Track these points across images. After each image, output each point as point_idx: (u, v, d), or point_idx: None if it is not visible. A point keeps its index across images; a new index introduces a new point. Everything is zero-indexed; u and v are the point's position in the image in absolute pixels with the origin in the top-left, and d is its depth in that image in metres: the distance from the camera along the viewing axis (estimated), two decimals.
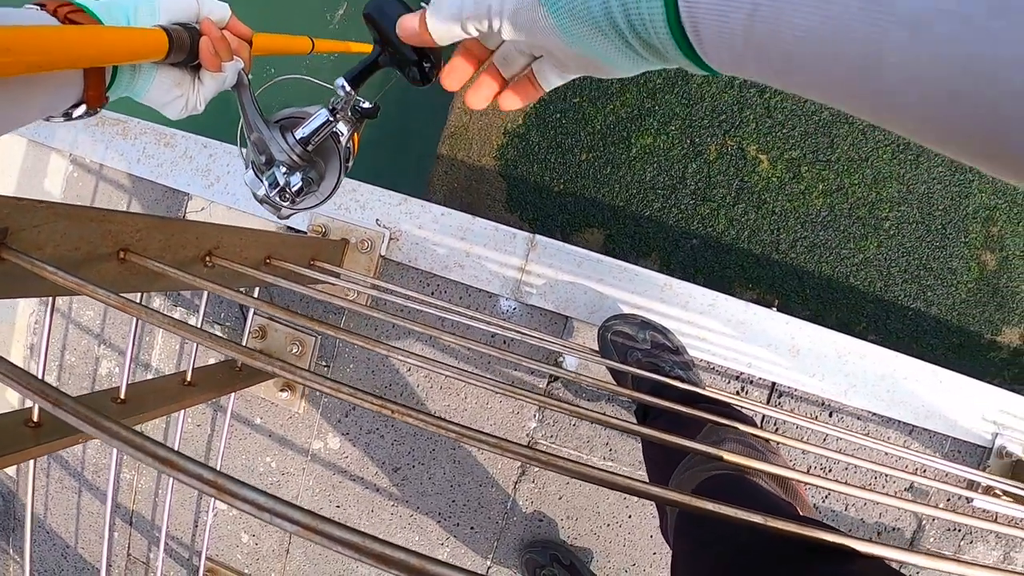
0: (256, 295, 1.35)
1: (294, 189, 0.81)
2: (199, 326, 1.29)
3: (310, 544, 1.61)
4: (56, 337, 1.73)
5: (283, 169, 0.80)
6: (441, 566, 0.30)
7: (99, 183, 1.69)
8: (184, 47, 0.60)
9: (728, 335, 1.39)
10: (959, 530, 1.41)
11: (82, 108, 0.57)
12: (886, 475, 1.38)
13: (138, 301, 0.63)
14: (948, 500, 1.42)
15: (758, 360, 1.38)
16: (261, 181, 0.82)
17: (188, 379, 1.23)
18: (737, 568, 0.59)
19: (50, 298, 0.84)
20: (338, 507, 1.56)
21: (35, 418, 0.86)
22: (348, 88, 0.72)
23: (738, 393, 1.41)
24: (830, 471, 1.40)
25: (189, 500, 1.70)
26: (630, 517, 1.44)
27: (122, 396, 1.04)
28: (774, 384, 1.40)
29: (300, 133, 0.77)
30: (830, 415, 1.41)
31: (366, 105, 0.77)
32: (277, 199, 0.83)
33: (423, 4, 0.47)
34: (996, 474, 1.32)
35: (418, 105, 2.77)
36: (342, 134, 0.82)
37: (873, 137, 2.36)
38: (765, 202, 2.38)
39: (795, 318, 1.39)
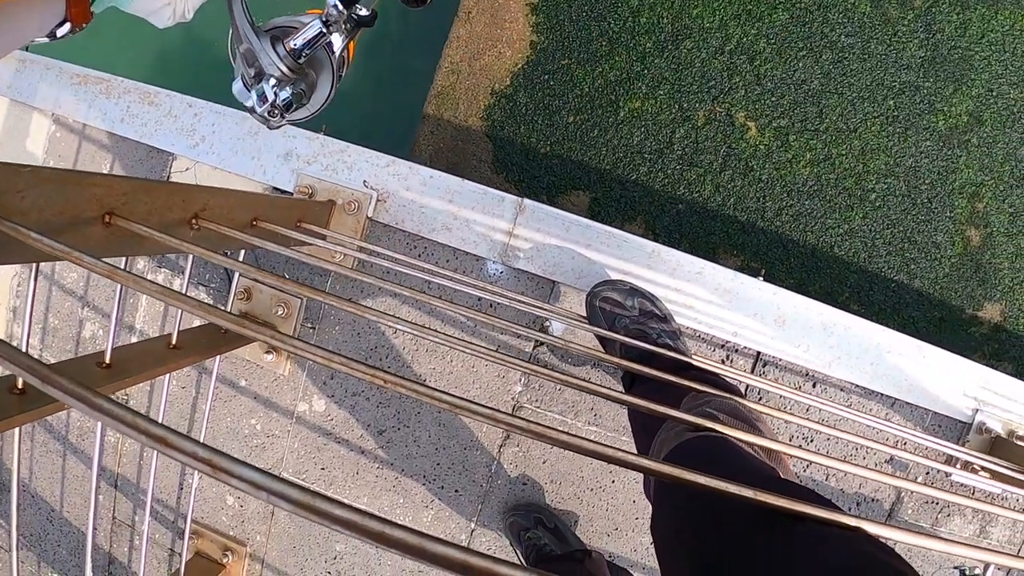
0: (242, 257, 1.33)
1: (282, 103, 0.78)
2: (184, 289, 1.28)
3: None
4: (40, 300, 1.71)
5: (273, 82, 0.77)
6: (440, 544, 0.30)
7: (82, 143, 1.65)
8: None
9: (715, 303, 1.40)
10: (937, 503, 1.44)
11: (66, 27, 0.54)
12: (867, 447, 1.40)
13: (123, 263, 0.62)
14: (927, 474, 1.44)
15: (744, 329, 1.39)
16: (250, 93, 0.79)
17: (173, 342, 1.22)
18: (717, 529, 0.60)
19: (33, 264, 0.83)
20: (323, 469, 1.56)
21: (19, 385, 0.85)
22: (341, 7, 0.69)
23: (723, 362, 1.42)
24: (812, 441, 1.41)
25: (174, 463, 1.69)
26: (613, 482, 1.46)
27: (107, 360, 1.03)
28: (759, 354, 1.41)
29: (292, 44, 0.74)
30: (814, 386, 1.42)
31: (363, 12, 0.73)
32: (266, 113, 0.80)
33: None
34: (975, 450, 1.33)
35: (405, 65, 2.73)
36: (336, 44, 0.78)
37: (862, 109, 2.36)
38: (752, 169, 2.38)
39: (782, 288, 1.39)
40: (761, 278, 1.42)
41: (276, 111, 0.78)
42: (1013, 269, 2.45)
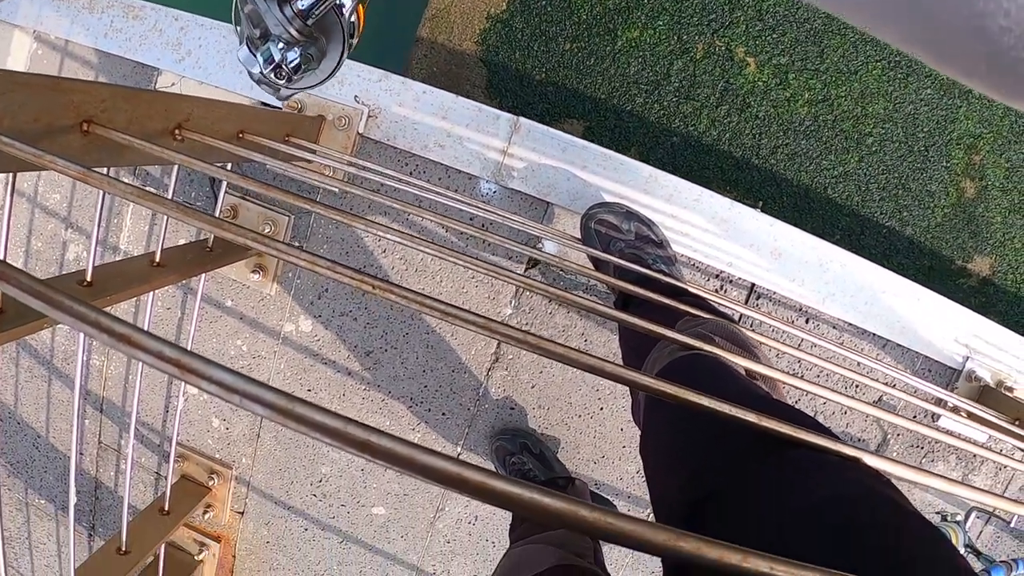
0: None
1: (291, 66, 0.75)
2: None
3: (281, 428, 1.60)
4: (22, 222, 1.66)
5: (280, 44, 0.73)
6: (431, 455, 0.26)
7: (64, 60, 1.59)
8: None
9: (711, 232, 1.38)
10: (922, 447, 1.44)
11: None
12: (857, 385, 1.40)
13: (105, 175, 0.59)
14: (915, 417, 1.44)
15: (739, 260, 1.37)
16: (256, 58, 0.75)
17: (157, 260, 1.19)
18: (709, 455, 0.58)
19: (10, 175, 0.79)
20: (309, 391, 1.54)
21: None
22: None
23: (717, 291, 1.40)
24: (802, 377, 1.41)
25: (159, 385, 1.67)
26: (601, 410, 1.45)
27: (88, 279, 1.00)
28: (753, 285, 1.39)
29: (299, 5, 0.70)
30: (806, 321, 1.41)
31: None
32: (273, 77, 0.76)
33: None
34: (964, 397, 1.34)
35: None
36: (345, 7, 0.75)
37: (864, 52, 2.31)
38: (749, 106, 2.33)
39: (779, 221, 1.37)
40: (759, 209, 1.40)
41: (283, 74, 0.74)
42: (1005, 224, 2.44)
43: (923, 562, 0.38)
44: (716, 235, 1.37)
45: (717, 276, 1.39)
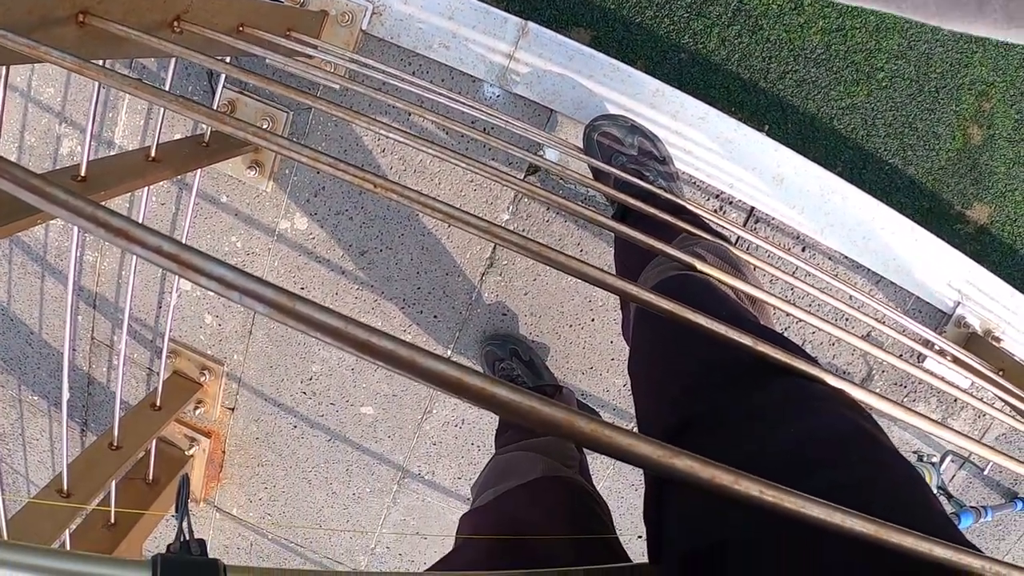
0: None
1: None
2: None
3: (273, 325, 1.61)
4: (15, 117, 1.62)
5: None
6: (432, 358, 0.26)
7: None
8: None
9: (714, 152, 1.36)
10: (904, 386, 1.46)
11: None
12: (847, 318, 1.41)
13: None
14: (901, 356, 1.46)
15: (740, 182, 1.36)
16: None
17: (152, 155, 1.17)
18: (698, 377, 0.58)
19: (2, 69, 0.77)
20: (302, 289, 1.55)
21: None
22: None
23: (716, 212, 1.40)
24: (794, 304, 1.42)
25: (153, 281, 1.67)
26: (593, 320, 1.46)
27: (83, 173, 0.99)
28: (752, 209, 1.39)
29: None
30: (803, 250, 1.41)
31: None
32: None
33: None
34: (951, 341, 1.35)
35: None
36: None
37: None
38: (761, 28, 2.28)
39: (784, 146, 1.36)
40: (764, 133, 1.38)
41: None
42: (1008, 175, 2.41)
43: (900, 504, 0.38)
44: (719, 155, 1.36)
45: (717, 196, 1.39)
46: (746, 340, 0.45)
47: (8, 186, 0.33)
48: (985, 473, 1.53)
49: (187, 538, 1.11)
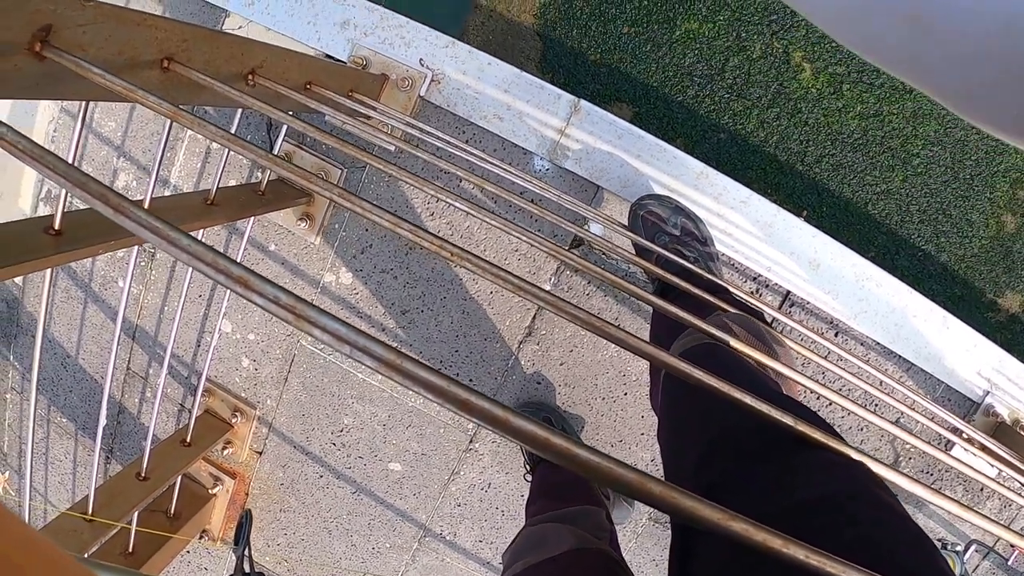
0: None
1: None
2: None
3: (309, 374, 1.64)
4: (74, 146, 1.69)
5: None
6: (522, 419, 0.29)
7: None
8: None
9: (754, 235, 1.38)
10: (931, 473, 1.46)
11: None
12: (876, 402, 1.41)
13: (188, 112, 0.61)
14: (928, 442, 1.45)
15: (778, 266, 1.38)
16: None
17: (211, 198, 1.22)
18: (718, 448, 0.59)
19: (83, 104, 0.81)
20: None
21: (56, 226, 0.84)
22: None
23: (752, 294, 1.41)
24: (824, 386, 1.42)
25: (194, 320, 1.71)
26: (625, 394, 1.47)
27: (146, 208, 1.02)
28: (788, 293, 1.40)
29: None
30: (836, 334, 1.42)
31: None
32: None
33: None
34: (979, 429, 1.35)
35: None
36: None
37: None
38: (800, 111, 2.33)
39: (822, 232, 1.38)
40: (803, 218, 1.40)
41: None
42: None
43: (915, 567, 0.40)
44: (758, 239, 1.38)
45: (755, 279, 1.41)
46: (764, 408, 0.46)
47: (132, 226, 0.36)
48: (1010, 563, 1.50)
49: (249, 571, 1.12)
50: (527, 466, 1.47)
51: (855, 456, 0.48)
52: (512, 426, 0.29)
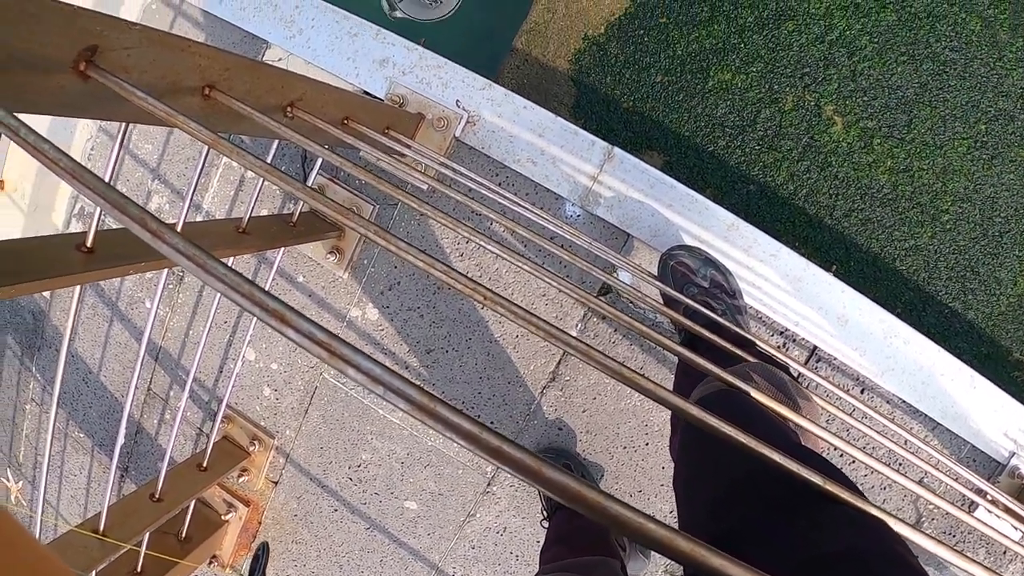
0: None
1: None
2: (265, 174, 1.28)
3: (330, 408, 1.64)
4: (110, 166, 1.72)
5: None
6: (555, 470, 0.29)
7: (177, 19, 1.64)
8: None
9: (782, 288, 1.38)
10: (954, 535, 1.43)
11: None
12: (901, 461, 1.38)
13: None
14: (952, 503, 1.43)
15: (805, 320, 1.37)
16: None
17: (243, 227, 1.23)
18: (742, 491, 0.59)
19: (123, 125, 0.81)
20: None
21: (88, 244, 0.85)
22: None
23: (779, 348, 1.40)
24: (848, 443, 1.40)
25: (218, 346, 1.72)
26: (646, 444, 1.46)
27: (180, 232, 1.03)
28: (815, 348, 1.39)
29: None
30: (862, 391, 1.40)
31: None
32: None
33: None
34: (1004, 491, 1.32)
35: None
36: None
37: (952, 127, 2.29)
38: (830, 165, 2.33)
39: (851, 288, 1.37)
40: (832, 273, 1.39)
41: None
42: None
43: None
44: (787, 292, 1.37)
45: (782, 333, 1.40)
46: (782, 461, 0.46)
47: (166, 249, 0.36)
48: None
49: None
50: (544, 512, 1.45)
51: (877, 513, 0.48)
52: (545, 477, 0.29)
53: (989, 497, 1.30)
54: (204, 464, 1.64)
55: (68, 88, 0.58)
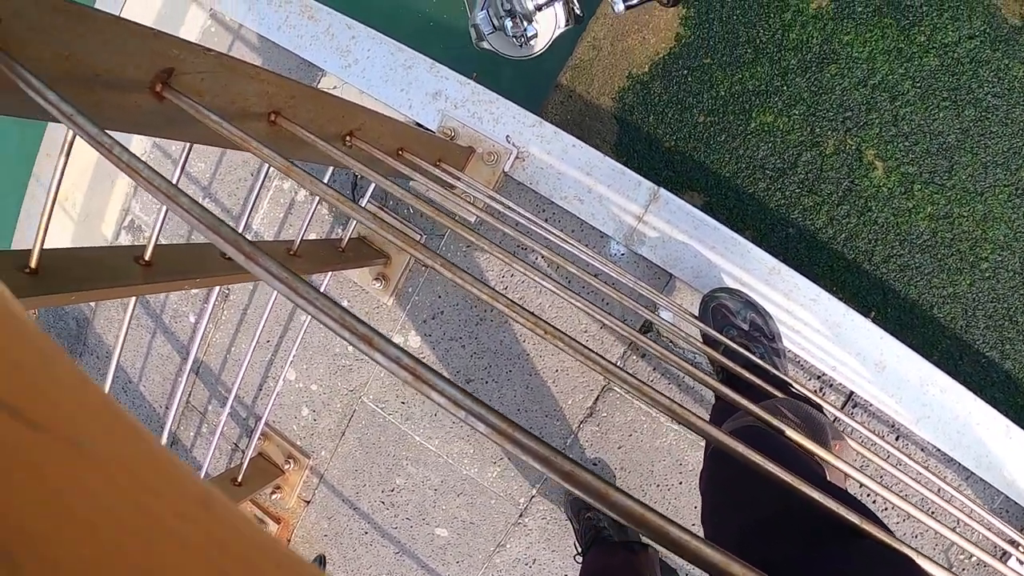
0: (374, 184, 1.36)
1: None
2: (317, 200, 1.31)
3: (367, 431, 1.66)
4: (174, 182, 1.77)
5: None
6: (622, 495, 0.31)
7: (235, 43, 1.69)
8: None
9: (821, 333, 1.38)
10: None
11: None
12: (933, 509, 1.37)
13: (264, 167, 0.64)
14: (985, 551, 1.41)
15: (843, 366, 1.37)
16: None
17: (295, 250, 1.26)
18: (763, 539, 0.60)
19: (187, 145, 0.84)
20: (403, 403, 1.60)
21: (147, 257, 0.88)
22: None
23: (816, 392, 1.40)
24: (885, 486, 1.39)
25: (259, 364, 1.75)
26: (680, 483, 1.46)
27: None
28: (852, 393, 1.39)
29: None
30: (896, 438, 1.40)
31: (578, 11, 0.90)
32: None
33: None
34: None
35: None
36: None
37: (993, 174, 2.27)
38: (870, 210, 2.32)
39: (889, 335, 1.37)
40: (871, 319, 1.40)
41: (520, 37, 0.97)
42: None
43: None
44: (826, 337, 1.38)
45: (819, 378, 1.40)
46: (813, 493, 0.46)
47: (258, 270, 0.38)
48: None
49: None
50: (577, 547, 1.45)
51: (904, 550, 0.49)
52: (612, 500, 0.31)
53: (1021, 548, 1.29)
54: (239, 479, 1.67)
55: (144, 107, 0.61)
